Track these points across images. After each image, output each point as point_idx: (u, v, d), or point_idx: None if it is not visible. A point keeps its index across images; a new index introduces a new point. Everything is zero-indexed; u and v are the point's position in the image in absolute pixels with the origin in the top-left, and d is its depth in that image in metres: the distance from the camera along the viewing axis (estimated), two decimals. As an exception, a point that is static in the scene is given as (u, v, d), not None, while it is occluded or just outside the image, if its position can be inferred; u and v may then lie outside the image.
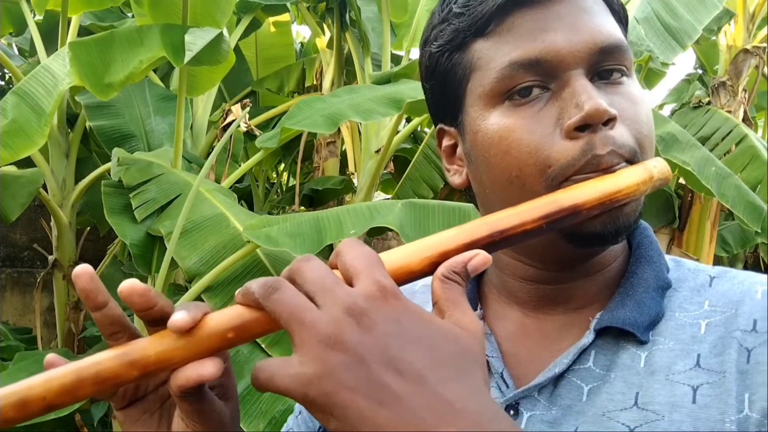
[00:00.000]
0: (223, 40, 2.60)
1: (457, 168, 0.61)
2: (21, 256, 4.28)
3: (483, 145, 0.54)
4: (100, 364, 0.41)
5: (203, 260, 2.30)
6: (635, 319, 0.52)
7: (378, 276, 0.39)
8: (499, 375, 0.55)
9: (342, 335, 0.36)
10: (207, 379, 0.40)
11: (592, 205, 0.47)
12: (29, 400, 0.40)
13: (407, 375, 0.36)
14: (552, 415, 0.52)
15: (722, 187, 3.30)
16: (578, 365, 0.53)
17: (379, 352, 0.36)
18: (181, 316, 0.40)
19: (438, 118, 0.62)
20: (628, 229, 0.52)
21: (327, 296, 0.38)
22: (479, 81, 0.54)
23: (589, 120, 0.49)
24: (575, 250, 0.53)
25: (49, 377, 0.40)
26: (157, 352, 0.41)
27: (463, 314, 0.40)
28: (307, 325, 0.37)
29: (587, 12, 0.53)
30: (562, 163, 0.50)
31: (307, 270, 0.39)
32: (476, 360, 0.39)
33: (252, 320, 0.40)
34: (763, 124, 6.13)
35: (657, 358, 0.51)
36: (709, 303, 0.53)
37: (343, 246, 0.41)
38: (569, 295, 0.57)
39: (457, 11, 0.55)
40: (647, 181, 0.49)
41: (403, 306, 0.38)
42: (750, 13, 4.59)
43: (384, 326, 0.37)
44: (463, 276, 0.42)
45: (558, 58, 0.51)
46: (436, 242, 0.44)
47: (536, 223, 0.46)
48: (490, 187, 0.56)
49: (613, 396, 0.50)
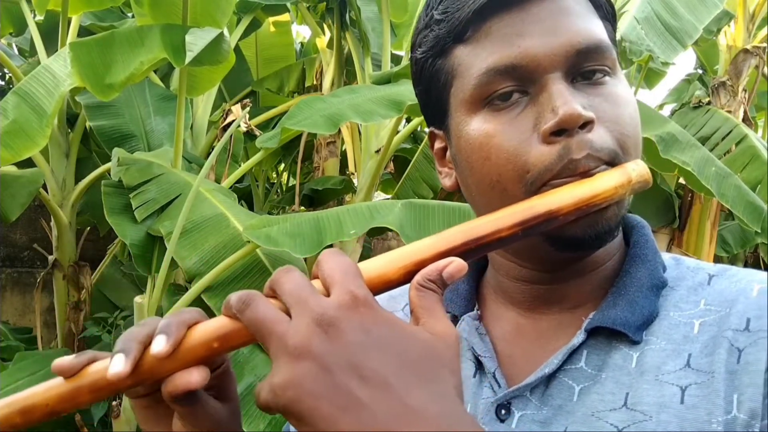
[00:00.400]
0: (223, 40, 2.60)
1: (448, 171, 0.61)
2: (21, 256, 4.28)
3: (466, 151, 0.55)
4: (96, 374, 0.44)
5: (203, 260, 2.30)
6: (627, 319, 0.52)
7: (352, 286, 0.40)
8: (491, 374, 0.56)
9: (309, 345, 0.37)
10: (194, 386, 0.42)
11: (567, 210, 0.48)
12: (33, 407, 0.43)
13: (371, 381, 0.37)
14: (543, 415, 0.52)
15: (722, 187, 3.30)
16: (570, 365, 0.53)
17: (344, 360, 0.37)
18: (160, 343, 0.42)
19: (429, 121, 0.63)
20: (609, 233, 0.52)
21: (299, 308, 0.39)
22: (460, 87, 0.55)
23: (563, 125, 0.50)
24: (559, 254, 0.54)
25: (49, 386, 0.44)
26: (147, 363, 0.43)
27: (437, 321, 0.41)
28: (277, 337, 0.38)
29: (566, 13, 0.53)
30: (540, 168, 0.51)
31: (285, 282, 0.41)
32: (445, 365, 0.39)
33: (234, 331, 0.42)
34: (763, 124, 6.13)
35: (648, 358, 0.51)
36: (705, 302, 0.52)
37: (322, 256, 0.43)
38: (563, 295, 0.57)
39: (437, 18, 0.55)
40: (625, 184, 0.49)
41: (374, 314, 0.39)
42: (750, 13, 4.59)
43: (351, 335, 0.38)
44: (438, 284, 0.43)
45: (534, 63, 0.51)
46: (412, 251, 0.45)
47: (511, 230, 0.47)
48: (475, 191, 0.56)
49: (603, 396, 0.50)
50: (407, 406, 0.36)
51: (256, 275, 2.40)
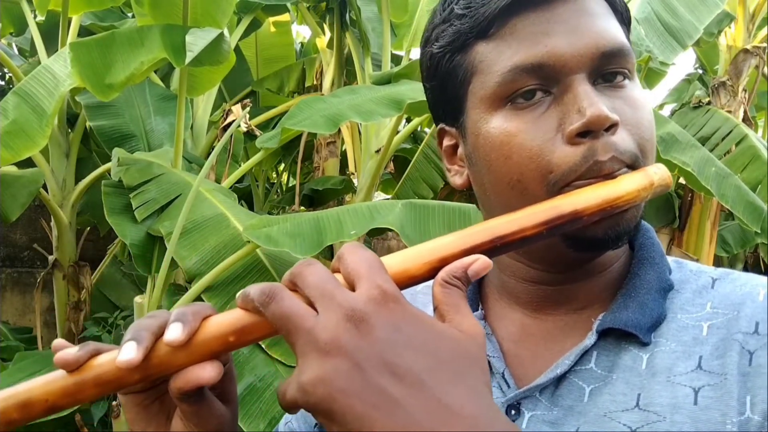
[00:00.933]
0: (223, 41, 2.60)
1: (458, 169, 0.60)
2: (21, 256, 4.28)
3: (484, 149, 0.54)
4: (101, 366, 0.41)
5: (203, 260, 2.30)
6: (638, 321, 0.52)
7: (379, 280, 0.39)
8: (500, 375, 0.55)
9: (339, 341, 0.36)
10: (206, 382, 0.41)
11: (592, 211, 0.47)
12: (32, 402, 0.40)
13: (404, 379, 0.36)
14: (553, 416, 0.52)
15: (722, 187, 3.30)
16: (580, 366, 0.53)
17: (377, 357, 0.36)
18: (176, 331, 0.40)
19: (439, 118, 0.62)
20: (628, 234, 0.52)
21: (326, 302, 0.38)
22: (481, 84, 0.54)
23: (590, 126, 0.49)
24: (576, 254, 0.53)
25: (50, 379, 0.41)
26: (158, 355, 0.41)
27: (463, 318, 0.40)
28: (305, 333, 0.37)
29: (590, 15, 0.53)
30: (564, 169, 0.50)
31: (309, 275, 0.39)
32: (476, 363, 0.39)
33: (252, 324, 0.40)
34: (763, 124, 6.13)
35: (659, 359, 0.51)
36: (711, 305, 0.53)
37: (345, 250, 0.42)
38: (571, 296, 0.57)
39: (459, 12, 0.55)
40: (648, 187, 0.49)
41: (403, 310, 0.38)
42: (750, 13, 4.59)
43: (382, 331, 0.37)
44: (463, 281, 0.42)
45: (560, 63, 0.51)
46: (436, 247, 0.44)
47: (536, 229, 0.46)
48: (491, 190, 0.56)
49: (614, 397, 0.50)
50: (443, 404, 0.36)
51: (256, 275, 2.41)
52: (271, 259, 2.46)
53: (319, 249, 2.14)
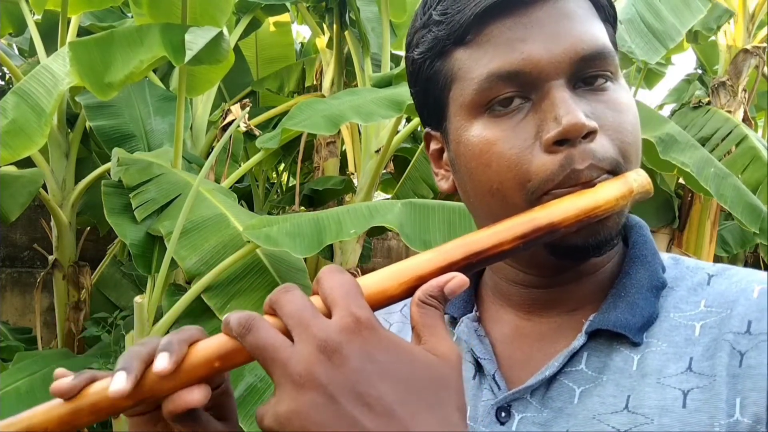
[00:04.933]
0: (222, 40, 2.60)
1: (444, 173, 0.60)
2: (21, 256, 4.28)
3: (465, 156, 0.54)
4: (96, 394, 0.43)
5: (203, 260, 2.31)
6: (627, 321, 0.52)
7: (353, 307, 0.39)
8: (491, 377, 0.55)
9: (312, 373, 0.37)
10: (195, 405, 0.42)
11: (569, 222, 0.47)
12: (33, 429, 0.43)
13: (376, 409, 0.37)
14: (543, 417, 0.52)
15: (721, 187, 3.30)
16: (571, 367, 0.53)
17: (349, 388, 0.37)
18: (163, 361, 0.41)
19: (425, 122, 0.61)
20: (609, 242, 0.51)
21: (301, 331, 0.39)
22: (460, 91, 0.54)
23: (566, 135, 0.49)
24: (557, 262, 0.53)
25: (48, 408, 0.43)
26: (148, 383, 0.42)
27: (438, 340, 0.41)
28: (280, 364, 0.38)
29: (569, 18, 0.52)
30: (541, 178, 0.50)
31: (286, 303, 0.40)
32: (449, 388, 0.39)
33: (235, 350, 0.42)
34: (763, 125, 6.13)
35: (650, 360, 0.50)
36: (705, 303, 0.52)
37: (322, 273, 0.42)
38: (562, 299, 0.57)
39: (437, 18, 0.54)
40: (627, 195, 0.49)
41: (377, 338, 0.39)
42: (750, 13, 4.60)
43: (355, 361, 0.37)
44: (440, 299, 0.42)
45: (537, 69, 0.50)
46: (412, 266, 0.44)
47: (513, 243, 0.46)
48: (474, 196, 0.56)
49: (604, 399, 0.50)
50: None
51: (256, 275, 2.41)
52: (271, 259, 2.46)
53: (319, 249, 2.14)
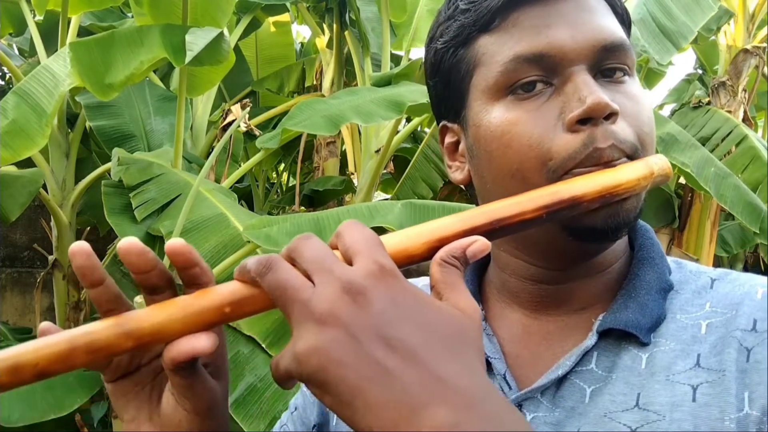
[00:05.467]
0: (223, 40, 2.60)
1: (459, 164, 0.61)
2: (21, 256, 4.28)
3: (485, 139, 0.55)
4: (94, 333, 0.40)
5: (203, 260, 2.30)
6: (638, 321, 0.52)
7: (377, 256, 0.39)
8: (501, 376, 0.55)
9: (336, 312, 0.36)
10: (201, 352, 0.40)
11: (591, 197, 0.48)
12: (21, 366, 0.39)
13: (399, 351, 0.36)
14: (555, 417, 0.52)
15: (721, 187, 3.30)
16: (581, 367, 0.53)
17: (373, 329, 0.36)
18: (180, 242, 0.41)
19: (441, 115, 0.62)
20: (628, 224, 0.52)
21: (324, 274, 0.38)
22: (483, 75, 0.55)
23: (591, 113, 0.50)
24: (576, 245, 0.53)
25: (41, 344, 0.40)
26: (152, 323, 0.40)
27: (459, 296, 0.40)
28: (301, 303, 0.37)
29: (590, 11, 0.54)
30: (563, 156, 0.51)
31: (306, 249, 0.39)
32: (472, 340, 0.39)
33: (249, 297, 0.40)
34: (763, 124, 6.13)
35: (658, 359, 0.51)
36: (710, 305, 0.53)
37: (343, 227, 0.41)
38: (571, 296, 0.57)
39: (463, 8, 0.56)
40: (648, 176, 0.50)
41: (401, 286, 0.38)
42: (750, 13, 4.60)
43: (379, 304, 0.37)
44: (461, 261, 0.42)
45: (561, 54, 0.52)
46: (436, 227, 0.44)
47: (536, 213, 0.46)
48: (491, 181, 0.56)
49: (614, 397, 0.51)
50: (437, 377, 0.35)
51: (256, 275, 2.41)
52: (271, 259, 2.46)
53: (319, 249, 2.13)
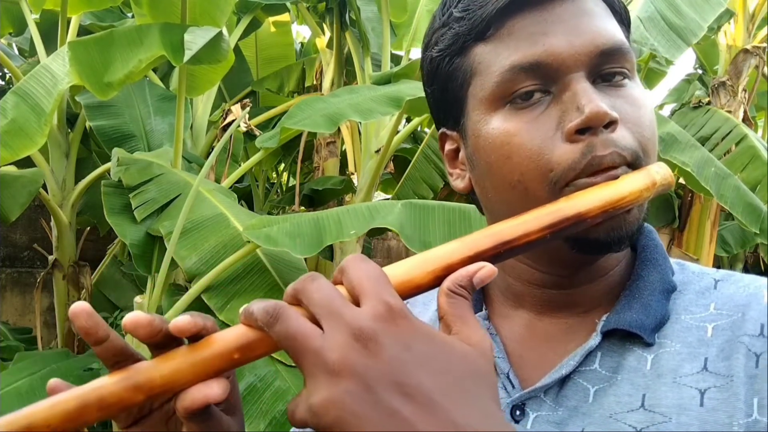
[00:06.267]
0: (222, 39, 2.60)
1: (460, 172, 0.60)
2: (21, 256, 4.28)
3: (485, 150, 0.54)
4: (103, 388, 0.40)
5: (203, 260, 2.30)
6: (642, 322, 0.52)
7: (386, 295, 0.38)
8: (505, 375, 0.55)
9: (348, 361, 0.35)
10: (213, 400, 0.40)
11: (595, 213, 0.47)
12: (34, 427, 0.39)
13: (416, 399, 0.35)
14: (558, 416, 0.52)
15: (721, 187, 3.30)
16: (584, 367, 0.53)
17: (387, 377, 0.35)
18: (185, 318, 0.40)
19: (440, 122, 0.62)
20: (632, 235, 0.51)
21: (333, 320, 0.37)
22: (480, 85, 0.54)
23: (589, 123, 0.49)
24: (580, 256, 0.53)
25: (52, 403, 0.40)
26: (162, 374, 0.40)
27: (470, 330, 0.40)
28: (312, 353, 0.36)
29: (588, 14, 0.53)
30: (564, 167, 0.50)
31: (314, 291, 0.39)
32: (486, 379, 0.38)
33: (256, 341, 0.40)
34: (763, 124, 6.14)
35: (664, 360, 0.51)
36: (714, 306, 0.53)
37: (347, 262, 0.41)
38: (575, 300, 0.57)
39: (458, 15, 0.55)
40: (650, 187, 0.49)
41: (412, 327, 0.38)
42: (750, 13, 4.60)
43: (392, 350, 0.36)
44: (468, 289, 0.42)
45: (558, 62, 0.51)
46: (440, 255, 0.44)
47: (540, 233, 0.46)
48: (492, 191, 0.55)
49: (619, 398, 0.50)
50: (456, 424, 0.35)
51: (256, 275, 2.40)
52: (271, 259, 2.46)
53: (319, 249, 2.13)
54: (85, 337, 0.42)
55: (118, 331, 2.20)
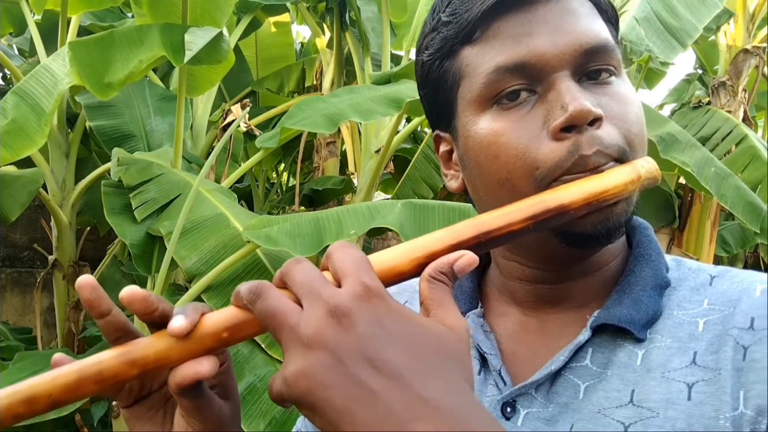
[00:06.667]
0: (222, 40, 2.60)
1: (454, 173, 0.62)
2: (21, 256, 4.28)
3: (474, 150, 0.55)
4: (101, 363, 0.42)
5: (203, 260, 2.30)
6: (632, 317, 0.52)
7: (364, 277, 0.40)
8: (497, 372, 0.56)
9: (321, 335, 0.37)
10: (203, 376, 0.42)
11: (578, 205, 0.48)
12: (36, 397, 0.42)
13: (384, 372, 0.37)
14: (549, 413, 0.52)
15: (722, 187, 3.30)
16: (575, 363, 0.53)
17: (358, 351, 0.37)
18: (179, 321, 0.42)
19: (434, 124, 0.63)
20: (618, 228, 0.52)
21: (312, 298, 0.39)
22: (468, 87, 0.55)
23: (573, 121, 0.50)
24: (568, 250, 0.54)
25: (53, 376, 0.43)
26: (156, 351, 0.42)
27: (447, 313, 0.41)
28: (289, 328, 0.38)
29: (572, 14, 0.54)
30: (549, 165, 0.51)
31: (297, 273, 0.40)
32: (457, 357, 0.39)
33: (244, 321, 0.42)
34: (763, 124, 6.14)
35: (654, 355, 0.51)
36: (708, 302, 0.53)
37: (333, 248, 0.43)
38: (568, 295, 0.57)
39: (446, 20, 0.56)
40: (635, 180, 0.50)
41: (387, 306, 0.39)
42: (750, 13, 4.60)
43: (364, 326, 0.38)
44: (449, 276, 0.43)
45: (543, 61, 0.52)
46: (423, 244, 0.45)
47: (522, 223, 0.47)
48: (483, 190, 0.57)
49: (609, 393, 0.51)
50: (421, 397, 0.36)
51: (256, 275, 2.40)
52: (271, 259, 2.46)
53: (319, 249, 2.13)
54: (89, 310, 0.45)
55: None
